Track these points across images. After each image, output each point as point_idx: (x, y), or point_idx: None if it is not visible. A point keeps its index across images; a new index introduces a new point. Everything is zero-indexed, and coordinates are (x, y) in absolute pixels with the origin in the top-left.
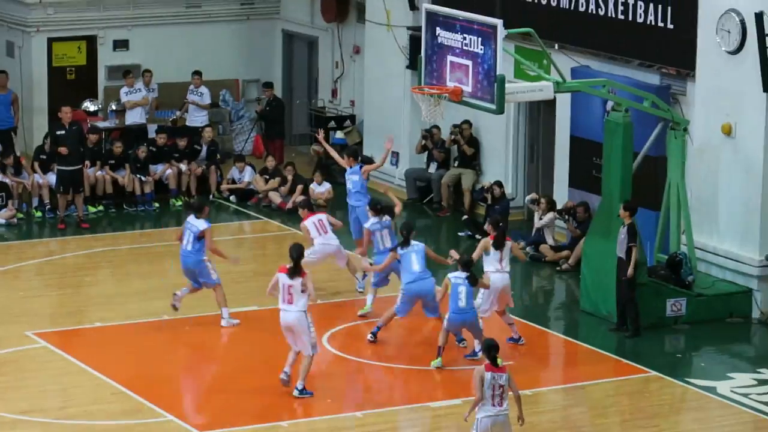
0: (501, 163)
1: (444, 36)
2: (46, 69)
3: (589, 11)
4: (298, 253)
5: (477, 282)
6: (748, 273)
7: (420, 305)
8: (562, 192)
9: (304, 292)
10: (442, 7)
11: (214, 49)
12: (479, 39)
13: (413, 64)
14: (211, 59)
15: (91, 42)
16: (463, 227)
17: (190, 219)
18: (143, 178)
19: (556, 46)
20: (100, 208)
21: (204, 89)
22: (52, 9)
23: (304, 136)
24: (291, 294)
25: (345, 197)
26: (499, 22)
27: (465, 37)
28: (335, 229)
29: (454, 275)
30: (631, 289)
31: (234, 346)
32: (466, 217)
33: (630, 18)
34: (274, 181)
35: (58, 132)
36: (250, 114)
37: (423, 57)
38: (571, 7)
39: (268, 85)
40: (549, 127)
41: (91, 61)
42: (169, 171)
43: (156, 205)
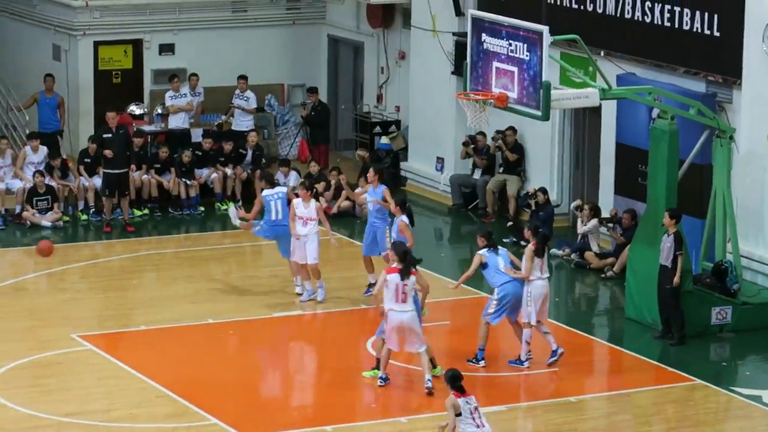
0: (546, 170)
1: (490, 42)
2: (92, 72)
3: (635, 18)
4: (404, 252)
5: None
6: None
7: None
8: (607, 199)
9: (415, 290)
10: (487, 13)
11: (260, 54)
12: (525, 45)
13: (458, 70)
14: (256, 64)
15: (137, 46)
16: (507, 233)
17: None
18: (188, 182)
19: (602, 53)
20: (146, 211)
21: (250, 93)
22: (98, 13)
23: (349, 141)
24: (405, 293)
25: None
26: (545, 29)
27: (511, 44)
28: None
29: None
30: (676, 297)
31: (277, 350)
32: (510, 223)
33: (676, 25)
34: (319, 186)
35: (105, 135)
36: (295, 119)
37: (468, 63)
38: (617, 15)
39: (314, 90)
40: (594, 134)
41: (137, 64)
42: (214, 175)
43: (201, 209)
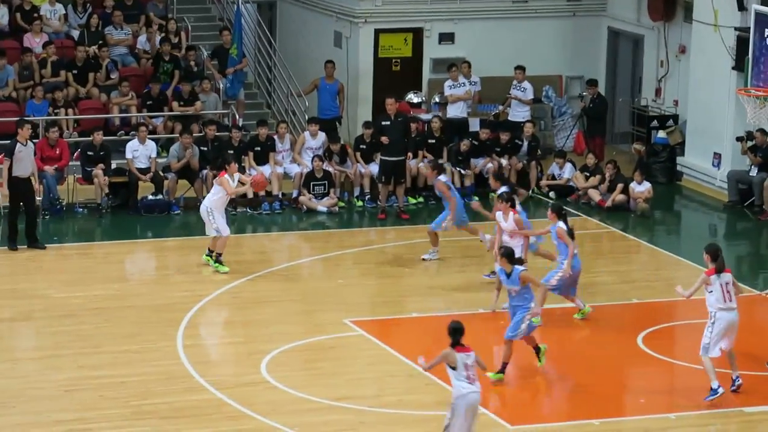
0: None
1: None
2: (371, 60)
3: None
4: (715, 251)
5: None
6: None
7: None
8: None
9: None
10: None
11: (539, 45)
12: None
13: (740, 66)
14: (534, 54)
15: (417, 34)
16: None
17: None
18: (463, 171)
19: None
20: (420, 199)
21: (527, 84)
22: (380, 1)
23: (626, 135)
24: (728, 292)
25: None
26: None
27: None
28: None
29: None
30: None
31: (547, 343)
32: None
33: None
34: (594, 179)
35: (384, 122)
36: (572, 110)
37: (750, 58)
38: None
39: (592, 82)
40: None
41: (417, 53)
42: (489, 165)
43: (476, 198)
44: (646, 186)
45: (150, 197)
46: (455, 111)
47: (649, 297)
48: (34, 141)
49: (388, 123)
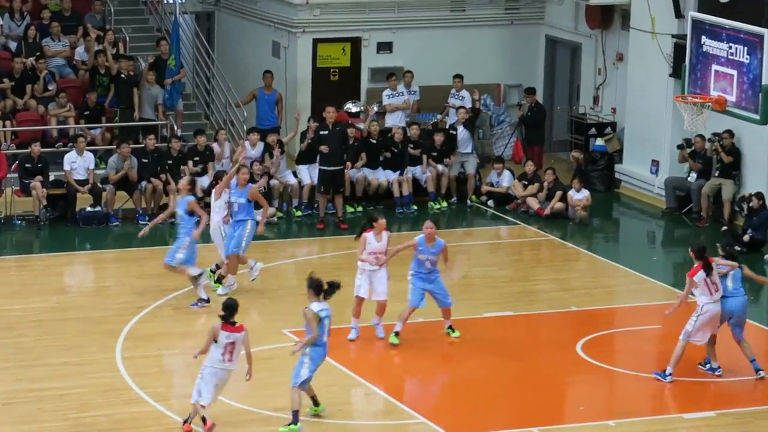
0: (763, 174)
1: (709, 45)
2: (310, 70)
3: None
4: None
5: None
6: None
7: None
8: None
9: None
10: (708, 16)
11: (477, 54)
12: (745, 48)
13: (677, 73)
14: (473, 63)
15: (355, 44)
16: (722, 238)
17: None
18: (399, 178)
19: None
20: (359, 208)
21: (465, 93)
22: (318, 10)
23: (564, 143)
24: (714, 283)
25: (603, 204)
26: (766, 32)
27: (731, 46)
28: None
29: None
30: None
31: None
32: (725, 228)
33: None
34: (533, 187)
35: (322, 132)
36: (510, 119)
37: (687, 65)
38: None
39: (530, 90)
40: None
41: (355, 62)
42: (428, 174)
43: (414, 207)
44: (585, 194)
45: (88, 209)
46: (393, 120)
47: (588, 304)
48: None
49: (327, 132)
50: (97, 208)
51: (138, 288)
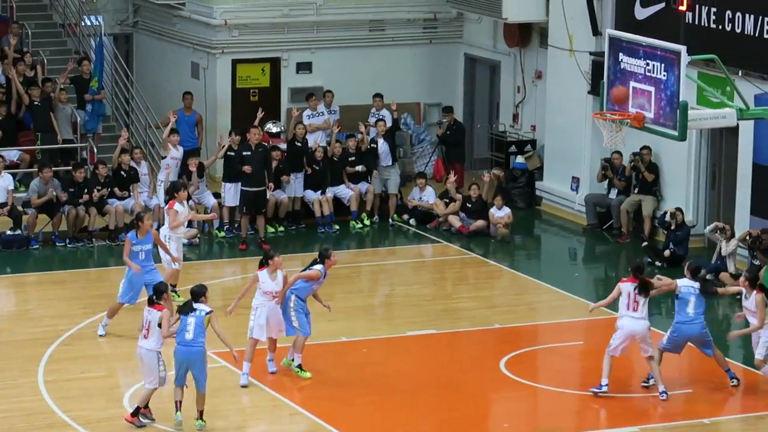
0: (681, 190)
1: (627, 62)
2: (230, 90)
3: None
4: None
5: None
6: None
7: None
8: (743, 220)
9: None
10: (625, 33)
11: (396, 72)
12: (662, 65)
13: (595, 90)
14: (393, 82)
15: (274, 64)
16: (642, 254)
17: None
18: (320, 197)
19: (740, 73)
20: (281, 229)
21: (385, 112)
22: (237, 31)
23: (485, 161)
24: (636, 302)
25: (525, 221)
26: (682, 49)
27: (648, 63)
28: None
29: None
30: None
31: (400, 369)
32: (645, 243)
33: None
34: (455, 205)
35: (245, 153)
36: (431, 137)
37: (605, 82)
38: (756, 34)
39: (449, 109)
40: (731, 154)
41: (275, 83)
42: (350, 192)
43: (336, 227)
44: (506, 211)
45: (8, 232)
46: (315, 140)
47: (511, 322)
48: None
49: (250, 153)
50: (17, 232)
51: (60, 311)
